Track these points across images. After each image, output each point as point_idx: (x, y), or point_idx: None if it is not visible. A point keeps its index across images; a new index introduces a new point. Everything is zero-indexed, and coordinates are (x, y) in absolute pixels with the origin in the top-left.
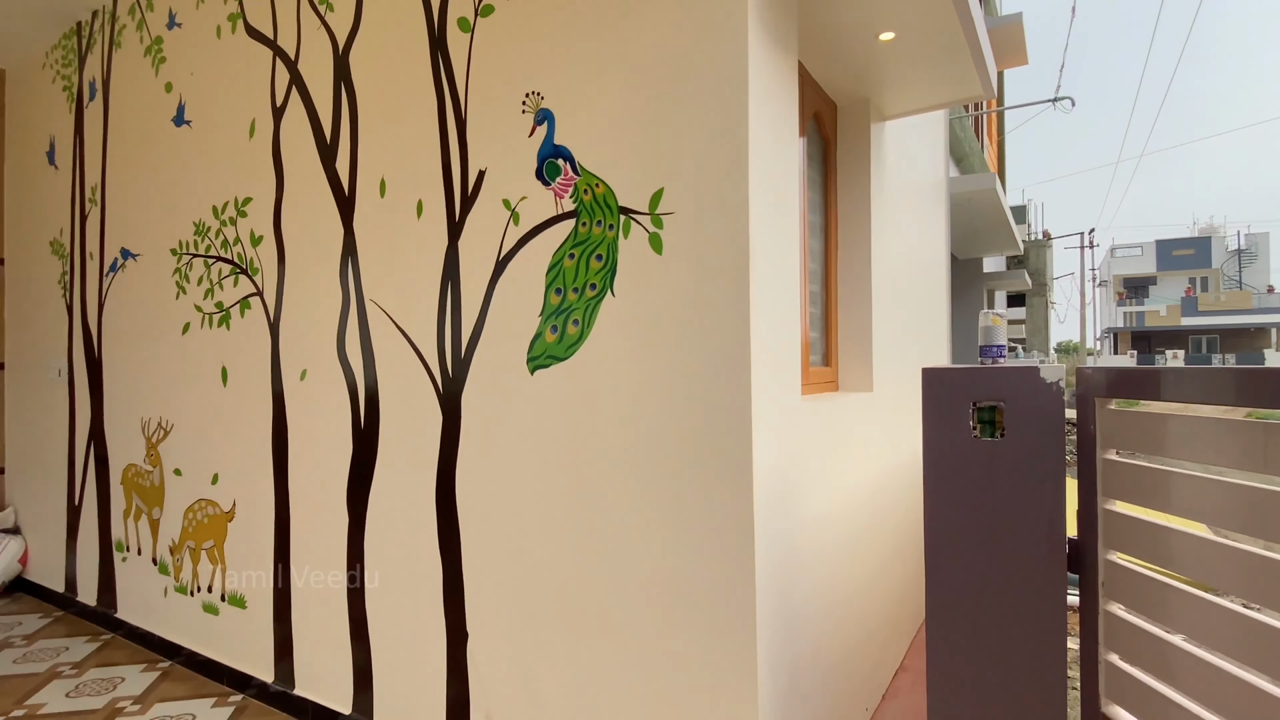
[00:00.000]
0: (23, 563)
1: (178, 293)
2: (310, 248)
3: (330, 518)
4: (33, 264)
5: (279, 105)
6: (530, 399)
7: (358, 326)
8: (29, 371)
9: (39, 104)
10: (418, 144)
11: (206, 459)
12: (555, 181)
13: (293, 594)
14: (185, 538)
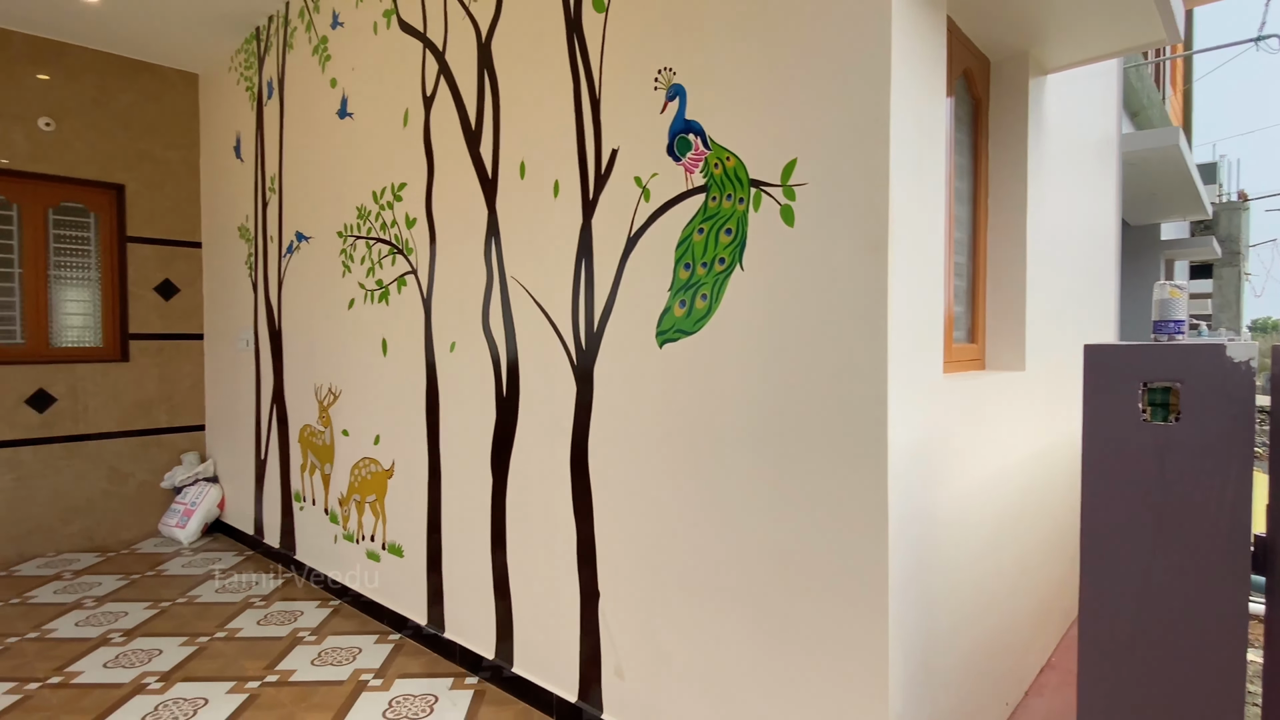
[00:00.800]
0: (220, 507)
1: (343, 271)
2: (458, 228)
3: (476, 478)
4: (225, 247)
5: (429, 95)
6: (658, 372)
7: (500, 302)
8: (223, 342)
9: (226, 103)
10: (555, 126)
11: (369, 421)
12: (685, 157)
13: (443, 546)
14: (352, 492)
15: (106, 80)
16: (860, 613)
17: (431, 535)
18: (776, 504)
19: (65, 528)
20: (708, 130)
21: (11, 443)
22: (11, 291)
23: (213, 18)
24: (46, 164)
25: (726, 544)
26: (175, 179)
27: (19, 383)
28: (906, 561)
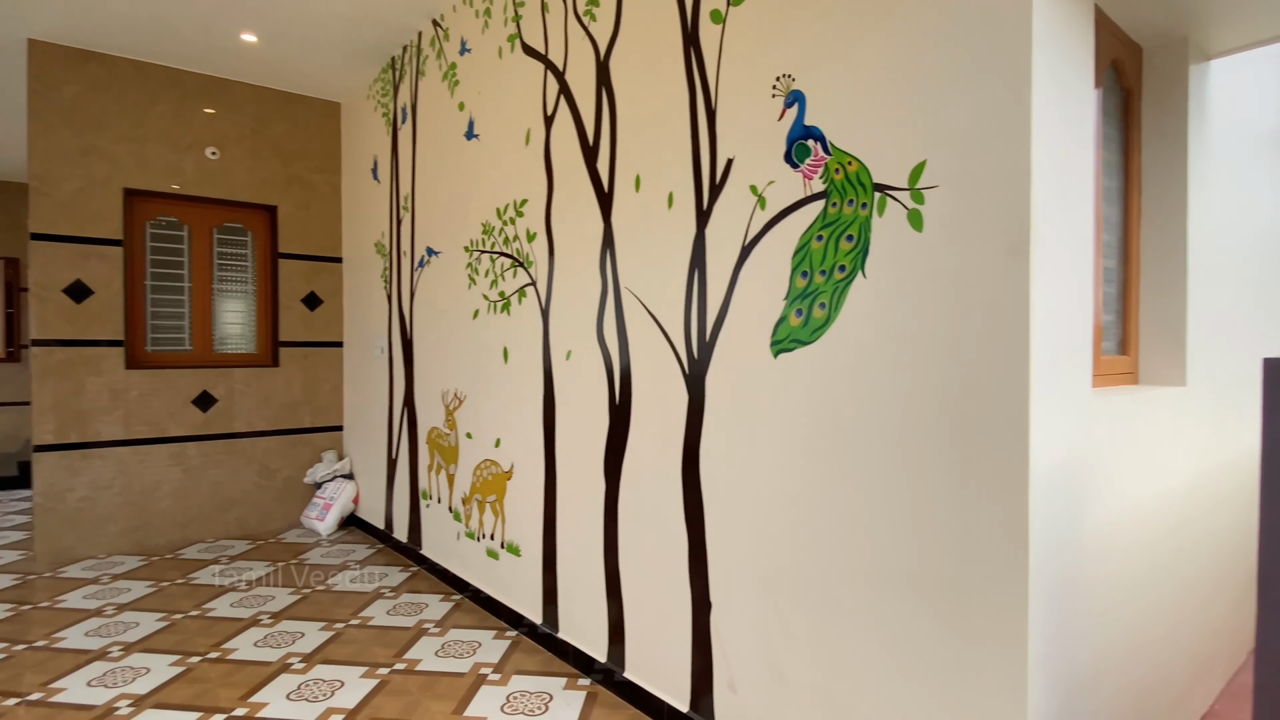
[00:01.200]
0: (356, 502)
1: (469, 284)
2: (575, 241)
3: (589, 482)
4: (363, 262)
5: (549, 114)
6: (773, 382)
7: (614, 312)
8: (360, 349)
9: (365, 129)
10: (670, 139)
11: (491, 425)
12: (804, 163)
13: (558, 548)
14: (474, 491)
15: (263, 112)
16: (997, 644)
17: (547, 536)
18: (903, 524)
19: (222, 516)
20: (828, 135)
21: (180, 439)
22: (182, 303)
23: (354, 51)
24: (212, 189)
25: (848, 562)
26: (320, 200)
27: (186, 385)
28: (1049, 593)
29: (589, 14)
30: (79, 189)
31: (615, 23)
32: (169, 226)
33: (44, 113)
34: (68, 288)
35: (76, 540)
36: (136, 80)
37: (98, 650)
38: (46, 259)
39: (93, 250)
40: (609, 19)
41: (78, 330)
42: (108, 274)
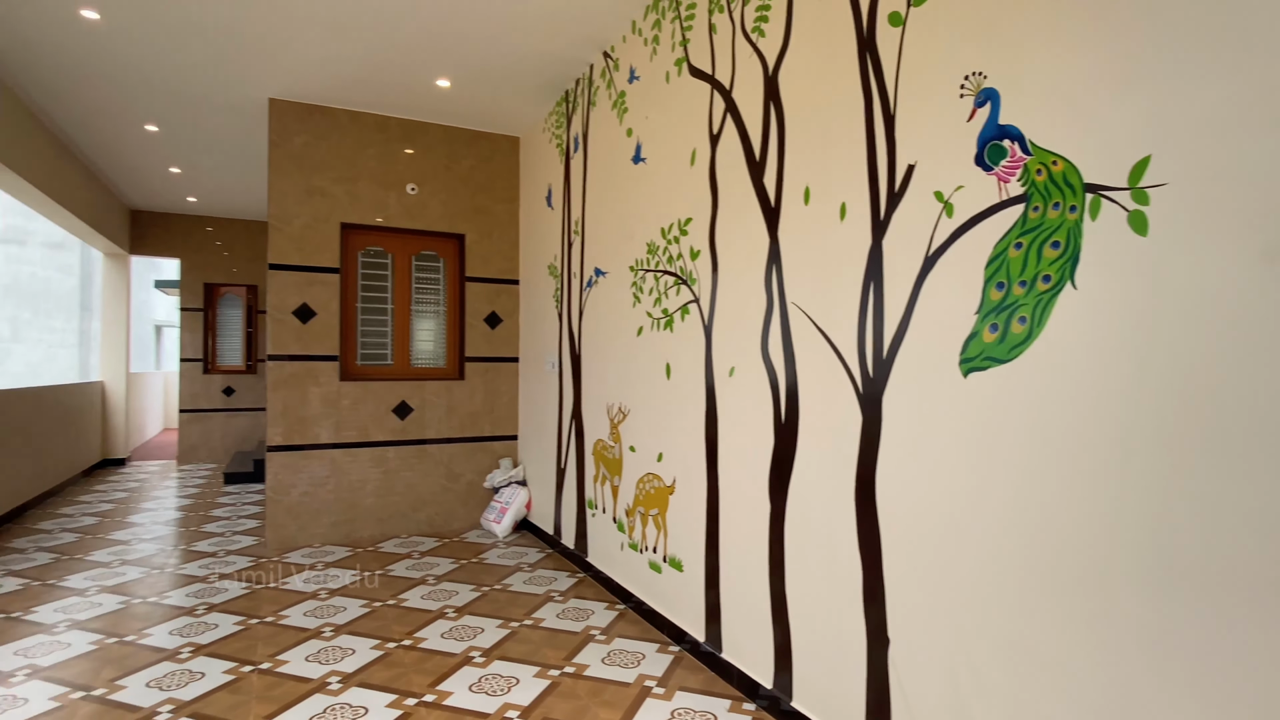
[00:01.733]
0: (528, 508)
1: (634, 302)
2: (739, 258)
3: (753, 501)
4: (537, 284)
5: (715, 133)
6: (962, 403)
7: (780, 328)
8: (533, 364)
9: (540, 160)
10: (842, 148)
11: (653, 439)
12: (999, 165)
13: (721, 565)
14: (637, 504)
15: (453, 149)
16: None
17: (710, 553)
18: (1129, 569)
19: (414, 515)
20: (1027, 134)
21: (382, 443)
22: (385, 323)
23: (532, 88)
24: (410, 220)
25: (1056, 609)
26: (501, 228)
27: (387, 395)
28: None
29: (757, 30)
30: (306, 225)
31: (784, 37)
32: (376, 255)
33: (280, 161)
34: (296, 310)
35: (297, 530)
36: (351, 128)
37: (313, 629)
38: (280, 285)
39: (316, 277)
40: (778, 34)
41: (303, 347)
42: (327, 298)
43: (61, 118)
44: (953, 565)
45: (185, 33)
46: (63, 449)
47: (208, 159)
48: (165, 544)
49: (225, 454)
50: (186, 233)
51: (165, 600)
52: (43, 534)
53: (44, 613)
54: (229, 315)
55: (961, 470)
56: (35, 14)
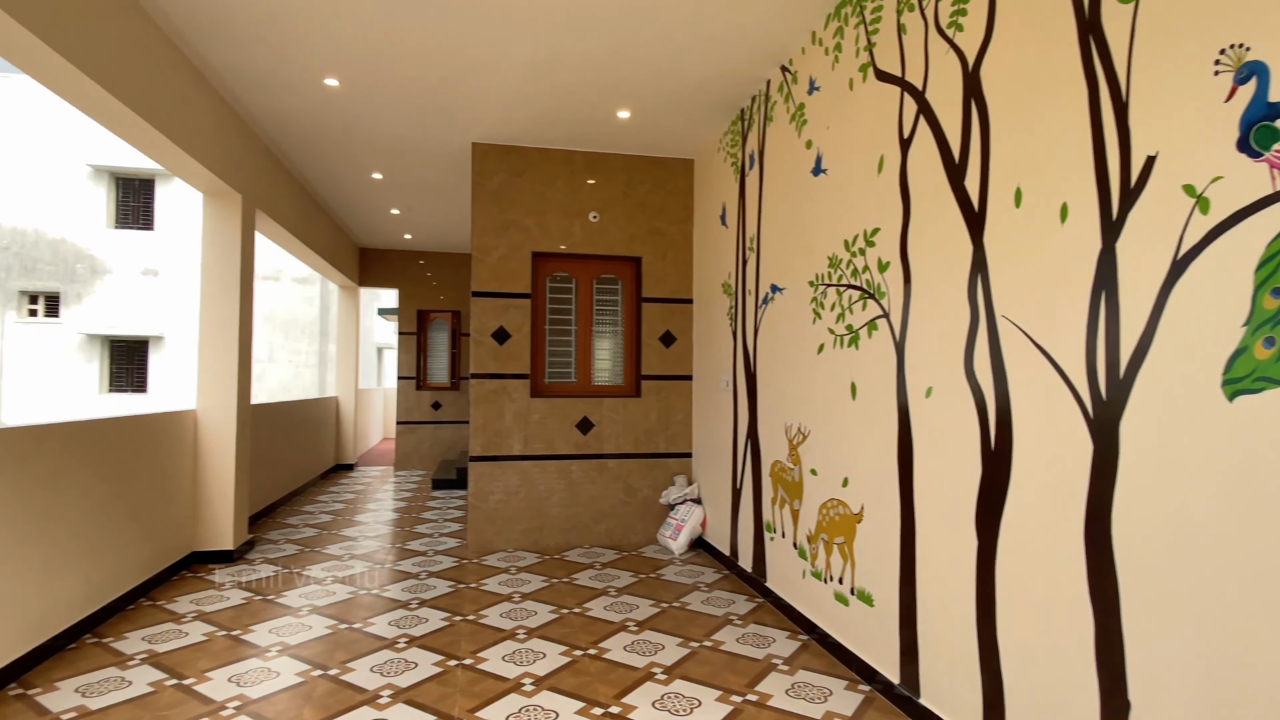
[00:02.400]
0: (703, 526)
1: (813, 318)
2: (936, 268)
3: (957, 536)
4: (710, 302)
5: (905, 137)
6: (1226, 431)
7: (987, 344)
8: (707, 383)
9: (714, 180)
10: (1061, 143)
11: (837, 463)
12: (1271, 150)
13: (918, 603)
14: (819, 530)
15: (631, 176)
16: None
17: (904, 588)
18: None
19: (595, 526)
20: None
21: (566, 456)
22: (569, 342)
23: (707, 109)
24: (592, 246)
25: None
26: (675, 249)
27: (571, 411)
28: None
29: (954, 25)
30: (503, 255)
31: (987, 29)
32: (561, 280)
33: (481, 198)
34: (494, 332)
35: (494, 534)
36: (541, 164)
37: (508, 631)
38: (481, 311)
39: (511, 303)
40: (978, 27)
41: (499, 366)
42: (520, 321)
43: (309, 172)
44: (1219, 628)
45: (405, 92)
46: (308, 454)
47: (421, 201)
48: (384, 542)
49: (433, 461)
50: (403, 266)
51: (385, 593)
52: (290, 528)
53: (291, 598)
54: (437, 338)
55: (1222, 510)
56: (288, 85)
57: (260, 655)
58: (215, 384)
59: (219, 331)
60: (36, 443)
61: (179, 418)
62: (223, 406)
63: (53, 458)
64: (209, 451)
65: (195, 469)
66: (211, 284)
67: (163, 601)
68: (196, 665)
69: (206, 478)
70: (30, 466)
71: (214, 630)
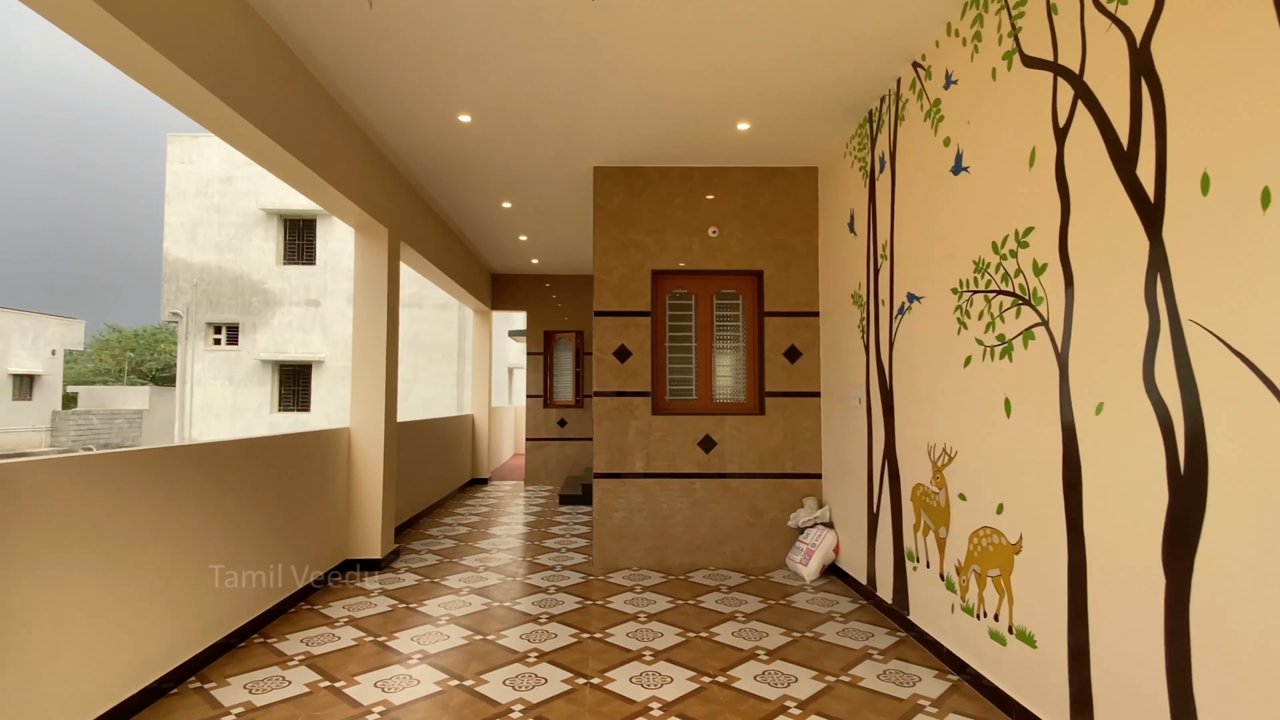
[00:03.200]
0: (836, 552)
1: (958, 328)
2: (1104, 268)
3: (1139, 572)
4: (838, 314)
5: (1061, 126)
6: None
7: (1171, 352)
8: (836, 399)
9: (840, 186)
10: (1257, 118)
11: (990, 487)
12: None
13: (1090, 646)
14: (970, 561)
15: (751, 189)
16: None
17: (1074, 631)
18: None
19: (720, 548)
20: None
21: (688, 475)
22: (689, 359)
23: (832, 114)
24: (712, 262)
25: None
26: (799, 260)
27: (692, 429)
28: None
29: None
30: (623, 275)
31: None
32: (680, 297)
33: (603, 220)
34: (615, 351)
35: (619, 552)
36: (660, 183)
37: (635, 651)
38: (603, 330)
39: (631, 321)
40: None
41: (621, 384)
42: (641, 339)
43: (445, 204)
44: None
45: (532, 123)
46: (447, 469)
47: (546, 226)
48: (515, 555)
49: (560, 477)
50: (531, 289)
51: (517, 606)
52: (431, 539)
53: (431, 607)
54: (562, 357)
55: None
56: (424, 123)
57: (403, 662)
58: (366, 403)
59: (369, 355)
60: (218, 456)
61: (335, 435)
62: (373, 424)
63: (232, 469)
64: (360, 466)
65: (349, 483)
66: (363, 312)
67: (319, 606)
68: (347, 669)
69: (359, 491)
70: (215, 477)
71: (363, 635)
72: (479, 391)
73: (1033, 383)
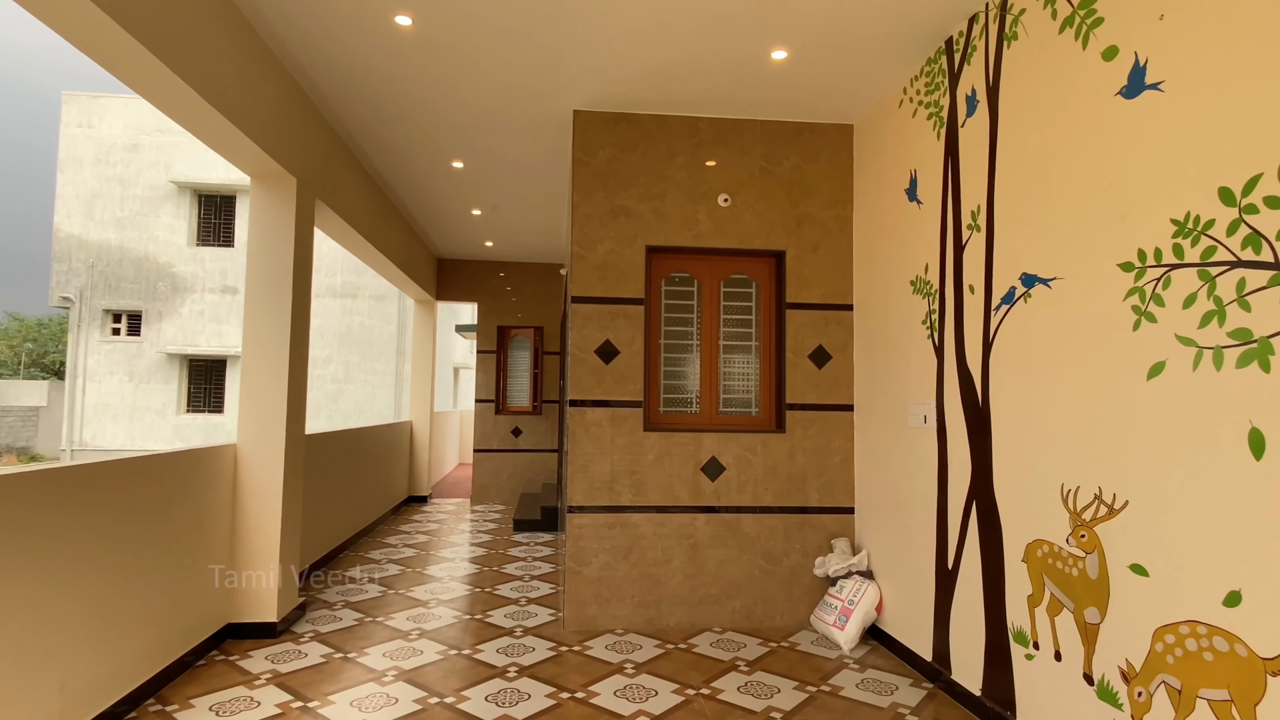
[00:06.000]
0: (878, 610)
1: (1137, 321)
2: None
3: None
4: (886, 307)
5: None
6: None
7: None
8: (879, 414)
9: (893, 144)
10: None
11: (1210, 564)
12: None
13: None
14: (1157, 668)
15: (772, 149)
16: None
17: None
18: None
19: (727, 603)
20: None
21: (688, 509)
22: (691, 361)
23: (885, 51)
24: (722, 238)
25: None
26: (830, 239)
27: (694, 450)
28: None
29: None
30: (610, 251)
31: None
32: (680, 283)
33: (584, 180)
34: (599, 348)
35: (599, 610)
36: (658, 135)
37: None
38: (582, 321)
39: (620, 310)
40: None
41: (605, 391)
42: (631, 334)
43: (379, 160)
44: None
45: (494, 42)
46: (378, 488)
47: (507, 195)
48: (460, 609)
49: (512, 494)
50: (484, 278)
51: (463, 703)
52: (352, 584)
53: (340, 707)
54: (518, 357)
55: None
56: (349, 28)
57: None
58: (260, 412)
59: (266, 348)
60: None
61: (213, 455)
62: (269, 439)
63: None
64: (250, 497)
65: (233, 519)
66: (258, 291)
67: (174, 707)
68: None
69: (246, 529)
70: None
71: None
72: (419, 394)
73: None
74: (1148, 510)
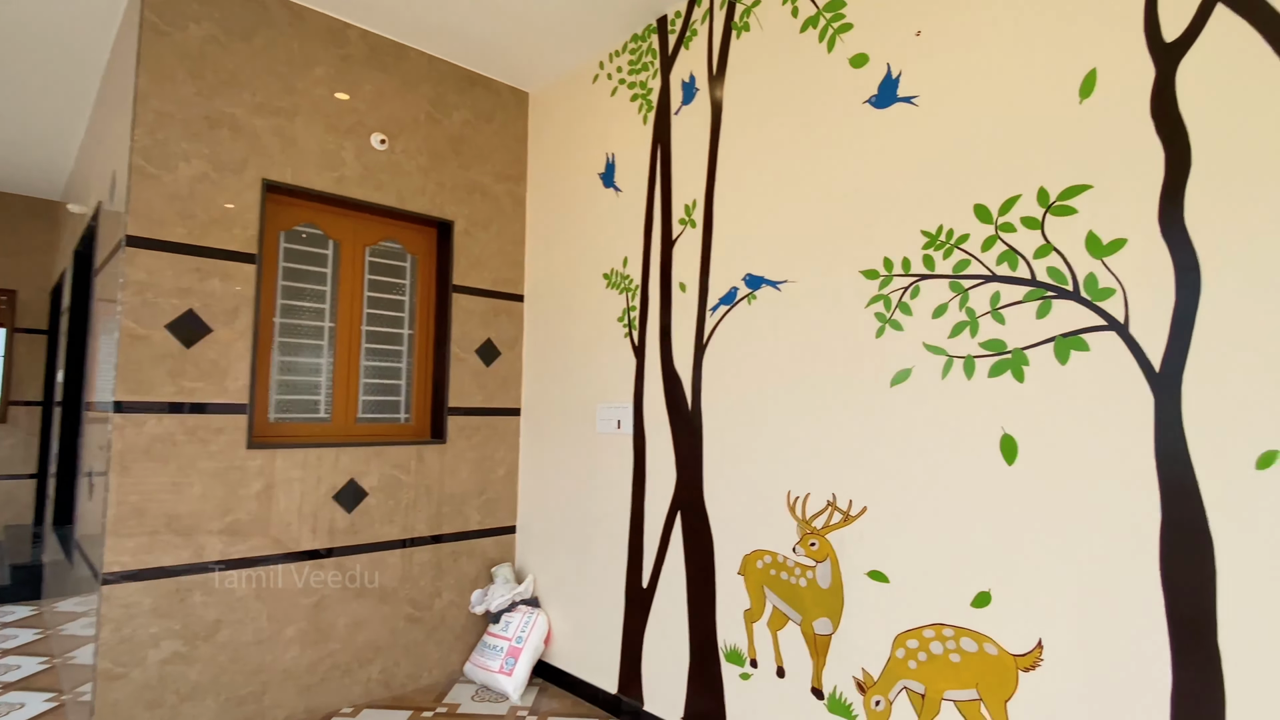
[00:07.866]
0: (546, 643)
1: (880, 329)
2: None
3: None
4: (571, 300)
5: (1176, 38)
6: None
7: None
8: (553, 419)
9: (586, 122)
10: None
11: (957, 567)
12: None
13: None
14: (898, 674)
15: (440, 92)
16: None
17: None
18: None
19: (361, 671)
20: None
21: (315, 554)
22: (320, 350)
23: (584, 9)
24: (376, 189)
25: None
26: (504, 218)
27: (324, 472)
28: None
29: None
30: (199, 176)
31: None
32: (312, 241)
33: (159, 60)
34: (173, 323)
35: None
36: (289, 30)
37: None
38: (146, 277)
39: (212, 267)
40: None
41: (179, 389)
42: (231, 305)
43: None
44: None
45: None
46: None
47: None
48: None
49: None
50: None
51: None
52: None
53: None
54: None
55: None
56: None
57: None
58: None
59: None
60: None
61: None
62: None
63: None
64: None
65: None
66: None
67: None
68: None
69: None
70: None
71: None
72: None
73: (1080, 414)
74: (888, 516)
